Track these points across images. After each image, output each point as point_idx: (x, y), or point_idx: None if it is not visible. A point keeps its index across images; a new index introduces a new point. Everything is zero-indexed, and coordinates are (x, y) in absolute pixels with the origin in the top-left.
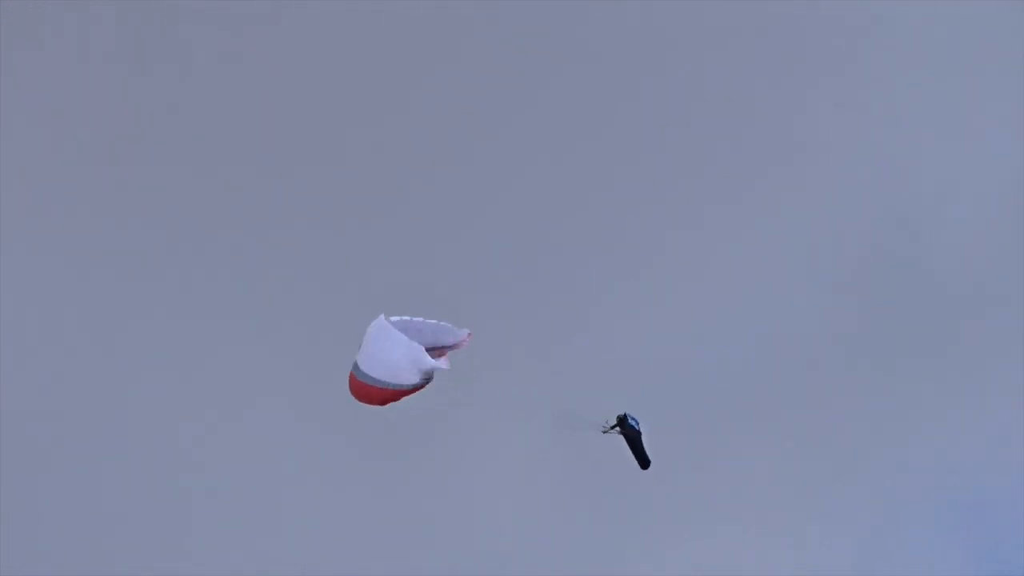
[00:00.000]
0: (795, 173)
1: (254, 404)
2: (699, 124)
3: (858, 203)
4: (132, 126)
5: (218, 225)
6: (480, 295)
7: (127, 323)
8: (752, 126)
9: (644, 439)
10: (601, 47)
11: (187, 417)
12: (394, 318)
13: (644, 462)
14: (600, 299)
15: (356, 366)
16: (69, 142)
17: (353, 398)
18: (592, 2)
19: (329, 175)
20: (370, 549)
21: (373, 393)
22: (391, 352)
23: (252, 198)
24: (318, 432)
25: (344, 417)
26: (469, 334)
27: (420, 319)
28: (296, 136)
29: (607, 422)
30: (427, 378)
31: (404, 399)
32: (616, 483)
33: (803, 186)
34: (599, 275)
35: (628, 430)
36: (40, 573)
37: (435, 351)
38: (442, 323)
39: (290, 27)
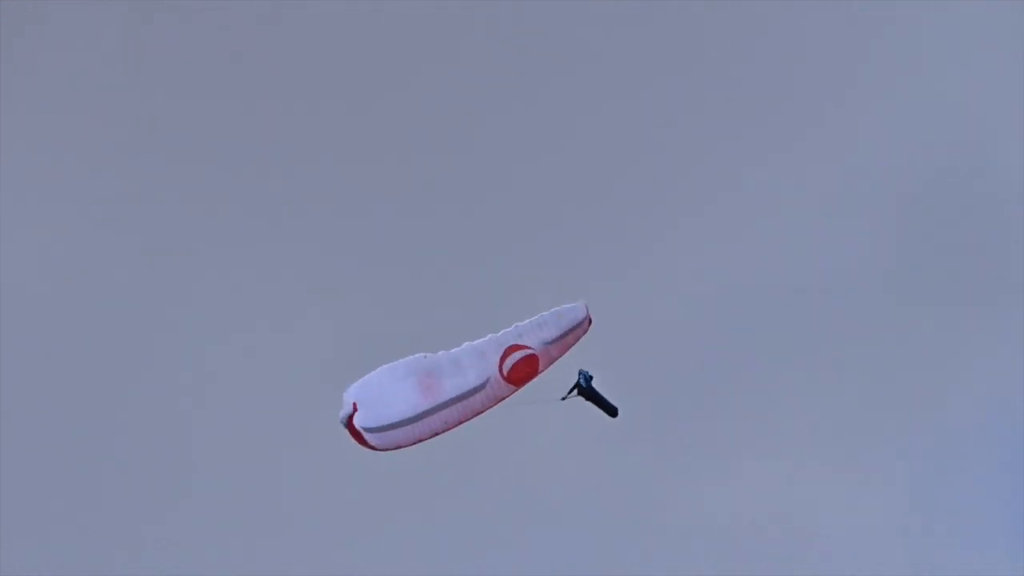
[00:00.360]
0: (849, 108)
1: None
2: (737, 68)
3: (913, 130)
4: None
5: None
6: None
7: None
8: (798, 62)
9: (600, 388)
10: None
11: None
12: (506, 330)
13: (611, 411)
14: (645, 238)
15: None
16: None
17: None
18: None
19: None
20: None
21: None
22: None
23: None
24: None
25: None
26: (585, 304)
27: (537, 316)
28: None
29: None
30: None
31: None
32: (659, 423)
33: (859, 119)
34: (644, 216)
35: (580, 389)
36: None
37: (568, 337)
38: (554, 310)
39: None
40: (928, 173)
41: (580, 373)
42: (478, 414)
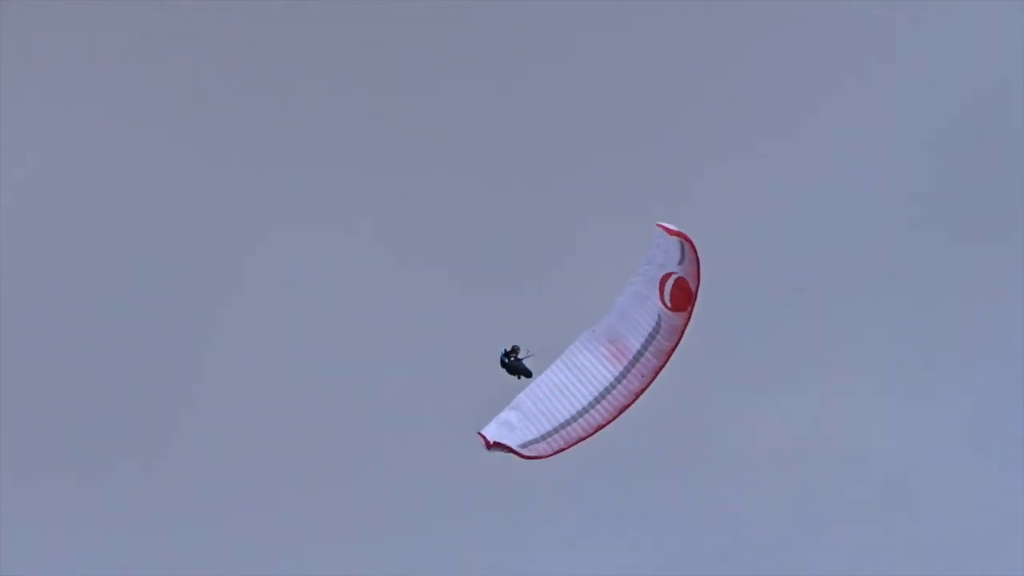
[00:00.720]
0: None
1: None
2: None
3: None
4: None
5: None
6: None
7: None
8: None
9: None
10: None
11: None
12: (640, 269)
13: (528, 374)
14: (708, 162)
15: None
16: None
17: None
18: None
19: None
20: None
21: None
22: None
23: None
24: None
25: None
26: (667, 229)
27: (654, 248)
28: None
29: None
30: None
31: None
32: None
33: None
34: (696, 141)
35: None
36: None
37: (688, 251)
38: (658, 235)
39: None
40: (993, 101)
41: (502, 353)
42: (670, 353)
